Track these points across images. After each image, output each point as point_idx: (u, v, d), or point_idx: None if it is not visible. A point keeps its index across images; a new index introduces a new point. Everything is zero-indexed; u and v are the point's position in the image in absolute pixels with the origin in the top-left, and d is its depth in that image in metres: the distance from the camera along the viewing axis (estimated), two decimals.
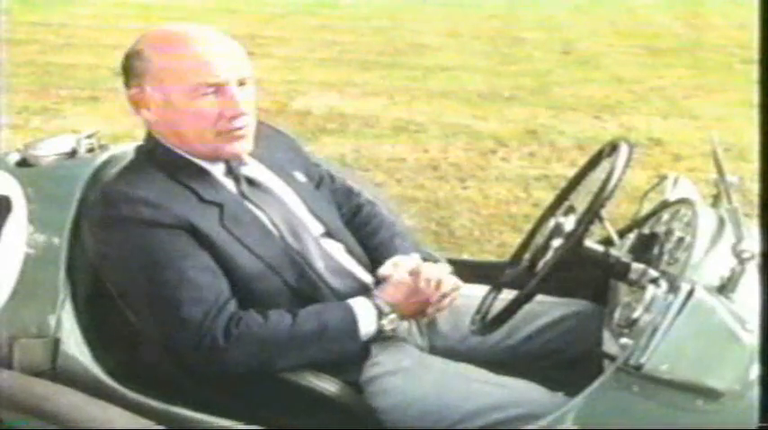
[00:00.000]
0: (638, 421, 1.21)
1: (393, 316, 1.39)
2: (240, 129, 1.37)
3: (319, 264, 1.43)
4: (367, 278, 1.51)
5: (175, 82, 1.33)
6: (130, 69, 1.38)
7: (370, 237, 1.63)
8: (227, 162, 1.42)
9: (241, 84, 1.36)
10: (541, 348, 1.57)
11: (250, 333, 1.29)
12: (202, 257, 1.31)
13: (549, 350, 1.56)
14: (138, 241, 1.29)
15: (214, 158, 1.40)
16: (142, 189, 1.32)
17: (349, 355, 1.38)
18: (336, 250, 1.50)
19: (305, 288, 1.39)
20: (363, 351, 1.42)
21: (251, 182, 1.44)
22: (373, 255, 1.57)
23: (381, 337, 1.47)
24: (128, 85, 1.39)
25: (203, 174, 1.39)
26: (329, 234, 1.50)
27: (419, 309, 1.43)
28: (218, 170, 1.41)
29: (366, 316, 1.37)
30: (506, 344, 1.57)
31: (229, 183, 1.42)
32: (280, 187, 1.49)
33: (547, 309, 1.59)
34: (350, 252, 1.52)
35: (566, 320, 1.58)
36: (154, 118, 1.38)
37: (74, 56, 7.34)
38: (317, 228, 1.49)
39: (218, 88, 1.33)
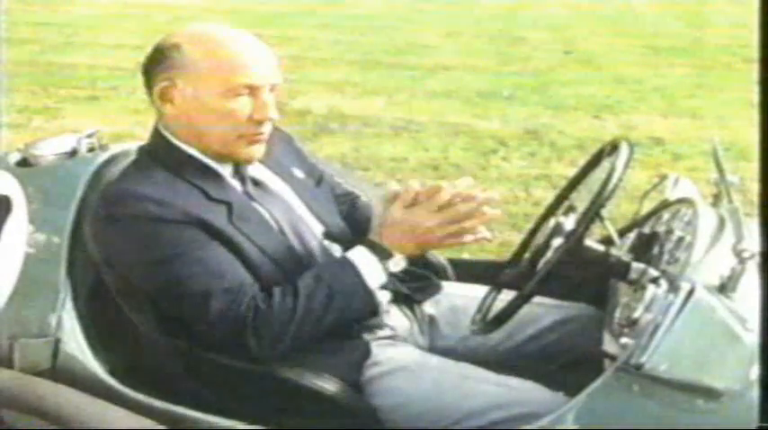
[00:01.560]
0: (638, 421, 1.21)
1: (397, 257, 1.34)
2: (263, 134, 1.37)
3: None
4: None
5: (211, 80, 1.32)
6: (163, 61, 1.35)
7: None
8: (235, 163, 1.42)
9: (272, 90, 1.36)
10: (541, 350, 1.57)
11: (271, 312, 1.28)
12: (217, 248, 1.31)
13: (550, 352, 1.56)
14: (149, 238, 1.28)
15: (227, 160, 1.40)
16: (148, 187, 1.31)
17: (368, 308, 1.36)
18: (336, 251, 1.50)
19: None
20: (364, 350, 1.42)
21: (256, 182, 1.44)
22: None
23: (385, 337, 1.47)
24: (154, 76, 1.36)
25: (211, 174, 1.39)
26: (328, 234, 1.50)
27: (427, 243, 1.34)
28: (225, 170, 1.41)
29: (368, 264, 1.33)
30: (507, 345, 1.57)
31: (235, 184, 1.42)
32: (281, 188, 1.49)
33: (547, 311, 1.59)
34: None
35: (566, 323, 1.58)
36: (175, 113, 1.36)
37: (74, 56, 7.34)
38: (318, 229, 1.49)
39: (253, 91, 1.33)
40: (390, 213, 1.35)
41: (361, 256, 1.34)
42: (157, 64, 1.36)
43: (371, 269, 1.33)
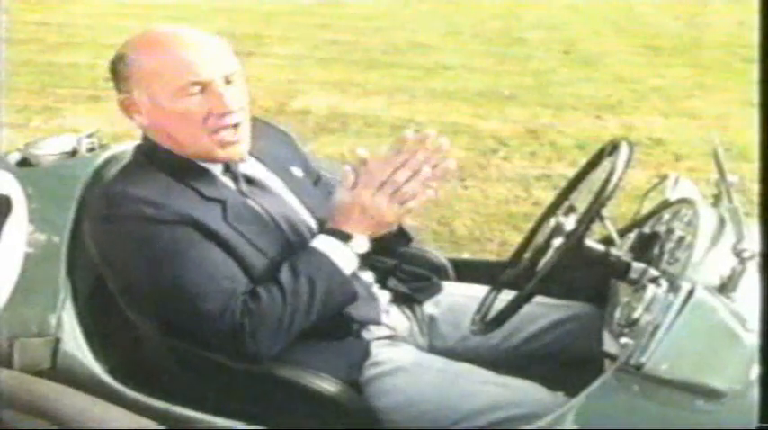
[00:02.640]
0: (638, 421, 1.21)
1: (358, 238, 1.34)
2: (232, 127, 1.35)
3: None
4: (367, 277, 1.51)
5: (160, 84, 1.32)
6: (117, 74, 1.37)
7: None
8: (219, 162, 1.41)
9: (228, 82, 1.34)
10: (541, 349, 1.57)
11: (262, 312, 1.27)
12: (212, 248, 1.30)
13: (549, 351, 1.56)
14: (143, 239, 1.28)
15: (210, 160, 1.39)
16: (142, 188, 1.31)
17: (347, 293, 1.35)
18: None
19: None
20: (364, 350, 1.42)
21: (249, 180, 1.43)
22: None
23: (385, 337, 1.47)
24: (117, 92, 1.38)
25: (203, 173, 1.39)
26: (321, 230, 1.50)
27: (381, 220, 1.34)
28: (216, 168, 1.41)
29: (339, 253, 1.34)
30: (506, 345, 1.57)
31: (228, 182, 1.41)
32: (277, 185, 1.49)
33: (547, 311, 1.59)
34: None
35: (566, 323, 1.58)
36: (146, 121, 1.37)
37: (74, 55, 7.34)
38: (314, 225, 1.49)
39: (204, 87, 1.32)
40: (339, 197, 1.35)
41: (327, 243, 1.34)
42: (115, 78, 1.38)
43: (341, 254, 1.34)
